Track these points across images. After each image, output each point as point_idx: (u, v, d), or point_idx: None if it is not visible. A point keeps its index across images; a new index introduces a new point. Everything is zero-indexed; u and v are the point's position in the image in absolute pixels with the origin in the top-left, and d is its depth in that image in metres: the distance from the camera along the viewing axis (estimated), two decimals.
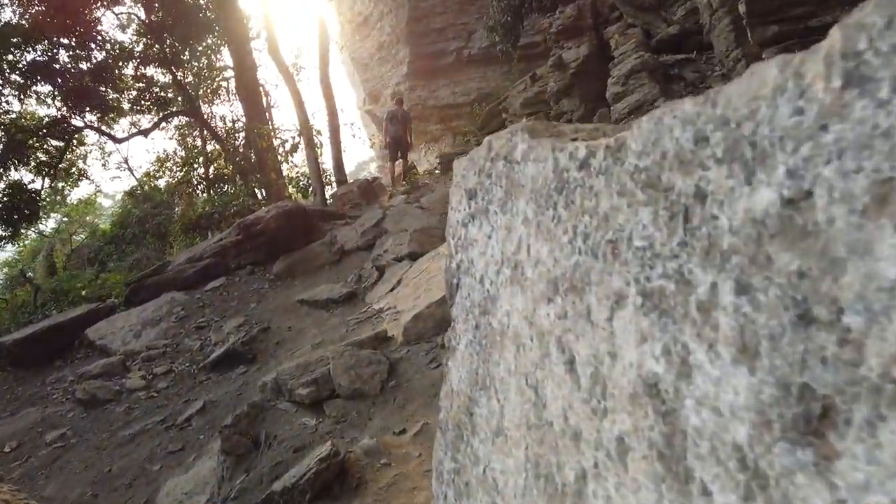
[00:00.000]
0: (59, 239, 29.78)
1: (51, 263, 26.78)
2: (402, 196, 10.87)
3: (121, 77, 16.09)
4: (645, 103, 6.24)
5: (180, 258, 9.59)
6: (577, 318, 0.91)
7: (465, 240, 1.59)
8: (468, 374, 1.39)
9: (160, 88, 17.06)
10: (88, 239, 27.91)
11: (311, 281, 7.69)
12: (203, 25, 16.19)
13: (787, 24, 4.48)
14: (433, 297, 4.15)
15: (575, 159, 0.94)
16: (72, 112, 16.18)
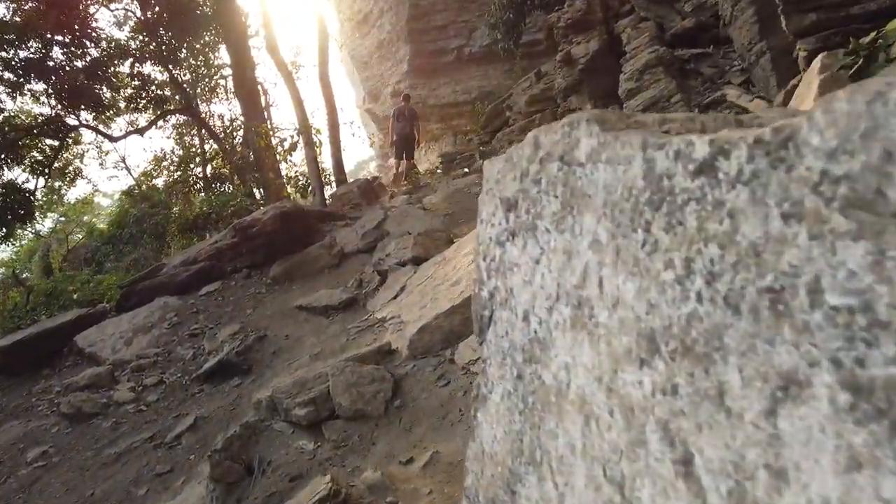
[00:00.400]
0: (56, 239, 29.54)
1: (47, 264, 26.52)
2: (404, 196, 10.57)
3: (116, 75, 15.77)
4: (660, 99, 5.94)
5: (175, 260, 9.29)
6: (700, 399, 0.60)
7: (501, 262, 1.29)
8: (507, 437, 1.09)
9: (156, 86, 16.74)
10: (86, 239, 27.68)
11: (310, 285, 7.39)
12: (200, 22, 15.88)
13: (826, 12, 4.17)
14: (440, 308, 3.85)
15: (685, 160, 0.64)
16: (66, 110, 15.87)
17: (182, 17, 15.27)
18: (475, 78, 23.73)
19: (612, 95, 7.54)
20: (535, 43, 19.71)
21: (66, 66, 15.44)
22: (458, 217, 8.04)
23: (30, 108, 17.44)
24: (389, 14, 24.17)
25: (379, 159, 33.50)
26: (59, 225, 33.21)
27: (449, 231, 6.88)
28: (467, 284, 3.95)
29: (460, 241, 5.24)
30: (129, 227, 23.41)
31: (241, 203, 14.69)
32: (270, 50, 15.22)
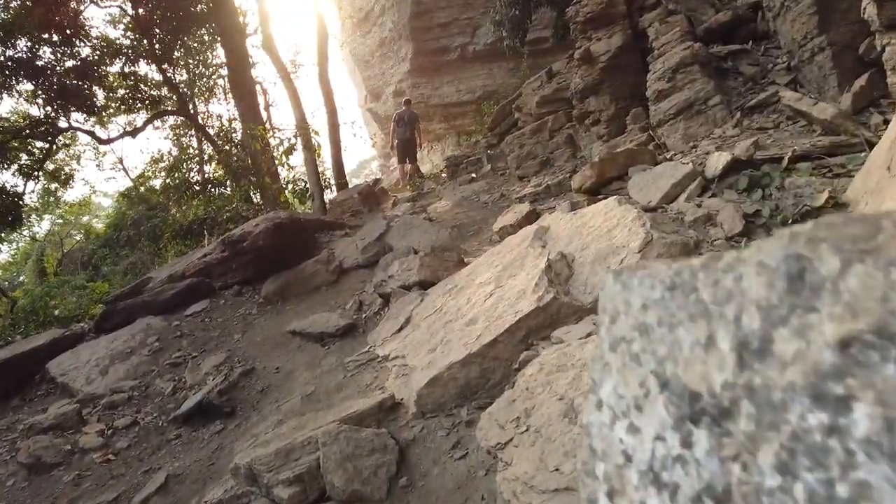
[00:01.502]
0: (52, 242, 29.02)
1: (41, 268, 25.98)
2: (407, 204, 9.92)
3: (108, 75, 15.13)
4: (696, 101, 5.29)
5: (162, 274, 8.66)
6: None
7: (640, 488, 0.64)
8: None
9: (150, 87, 16.10)
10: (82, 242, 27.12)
11: (305, 305, 6.75)
12: (195, 19, 15.24)
13: None
14: (454, 355, 3.21)
15: None
16: (56, 112, 15.25)
17: (176, 14, 14.64)
18: (479, 77, 23.12)
19: (637, 97, 6.89)
20: (542, 41, 19.06)
21: (56, 65, 14.82)
22: (467, 229, 7.39)
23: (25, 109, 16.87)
24: (391, 11, 23.53)
25: (381, 159, 32.92)
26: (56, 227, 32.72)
27: (458, 249, 6.23)
28: (486, 325, 3.30)
29: (473, 265, 4.59)
30: (126, 229, 22.90)
31: (237, 208, 14.08)
32: (268, 48, 14.59)
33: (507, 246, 4.40)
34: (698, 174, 3.92)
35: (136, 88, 15.63)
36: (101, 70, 15.00)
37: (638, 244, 3.20)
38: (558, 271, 3.42)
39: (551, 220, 4.41)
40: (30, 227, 30.64)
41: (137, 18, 14.41)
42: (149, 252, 19.70)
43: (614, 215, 3.66)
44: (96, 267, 23.10)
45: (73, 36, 14.15)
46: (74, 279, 23.47)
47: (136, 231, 21.60)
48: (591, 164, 4.38)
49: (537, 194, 7.63)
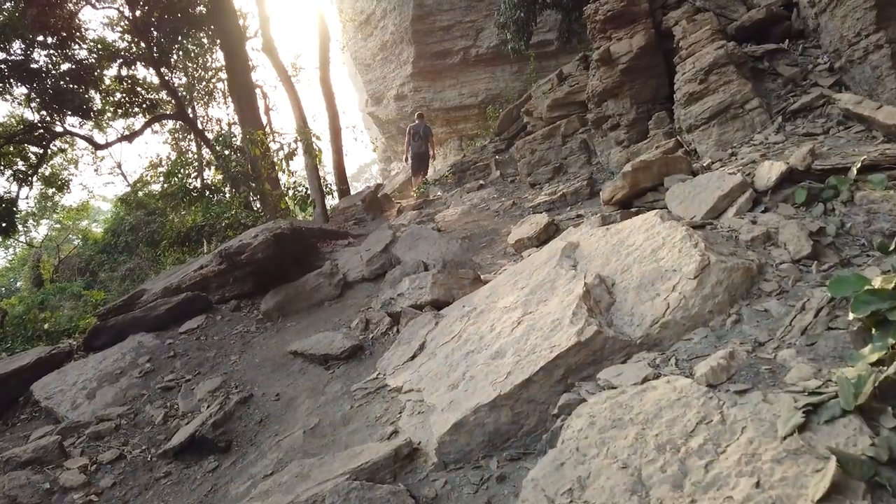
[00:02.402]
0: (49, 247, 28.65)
1: (37, 275, 25.58)
2: (413, 212, 9.51)
3: (103, 78, 14.75)
4: (732, 105, 4.87)
5: (157, 286, 8.24)
6: None
7: None
8: None
9: (147, 90, 15.71)
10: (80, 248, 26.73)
11: (308, 322, 6.34)
12: (193, 22, 14.86)
13: None
14: (481, 396, 2.79)
15: None
16: (51, 116, 14.87)
17: (173, 17, 14.27)
18: (482, 80, 22.79)
19: (660, 100, 6.48)
20: (546, 43, 18.74)
21: (51, 68, 14.44)
22: (478, 240, 6.97)
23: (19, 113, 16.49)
24: (393, 15, 23.19)
25: (381, 163, 32.55)
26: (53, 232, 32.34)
27: (471, 263, 5.81)
28: (516, 360, 2.88)
29: (493, 285, 4.17)
30: (124, 235, 22.51)
31: (236, 215, 13.66)
32: (267, 51, 14.22)
33: (531, 264, 3.99)
34: (748, 186, 3.51)
35: (132, 92, 15.23)
36: (98, 73, 14.61)
37: (693, 268, 2.78)
38: (598, 298, 3.01)
39: (580, 235, 3.99)
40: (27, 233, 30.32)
41: (134, 21, 14.02)
42: (147, 258, 19.32)
43: (658, 233, 3.25)
44: (94, 273, 22.72)
45: (69, 38, 13.77)
46: (71, 286, 23.10)
47: (134, 237, 21.21)
48: (623, 174, 3.97)
49: (552, 203, 7.22)
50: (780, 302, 2.59)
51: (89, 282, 22.86)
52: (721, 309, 2.68)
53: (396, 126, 26.14)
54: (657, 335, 2.67)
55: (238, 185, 14.64)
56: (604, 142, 7.45)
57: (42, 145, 15.02)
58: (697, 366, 2.29)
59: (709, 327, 2.63)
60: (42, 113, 14.80)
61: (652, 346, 2.66)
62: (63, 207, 28.87)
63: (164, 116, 16.03)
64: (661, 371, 2.40)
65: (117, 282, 20.99)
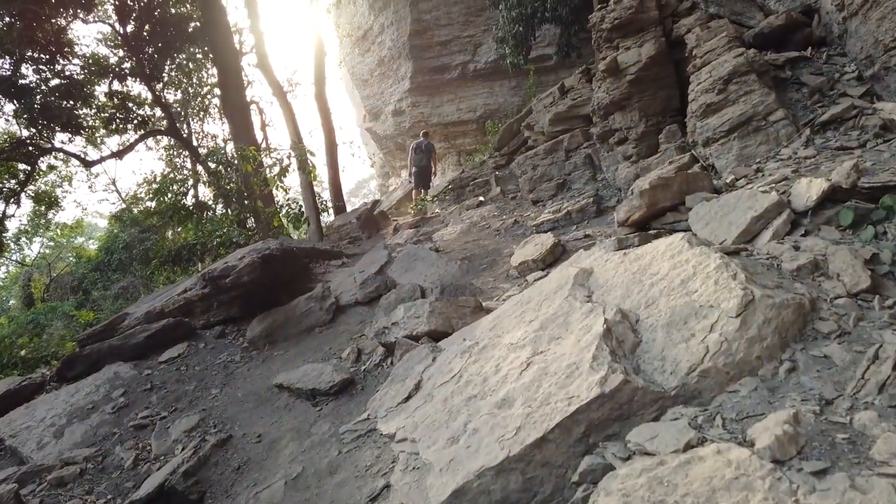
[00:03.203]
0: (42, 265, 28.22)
1: (28, 294, 25.12)
2: (410, 231, 9.11)
3: (93, 93, 14.40)
4: (754, 117, 4.49)
5: (140, 309, 7.81)
6: None
7: None
8: None
9: (138, 105, 15.37)
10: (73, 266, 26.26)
11: (296, 351, 5.90)
12: (186, 37, 14.57)
13: None
14: (486, 457, 2.36)
15: None
16: (39, 132, 14.50)
17: (165, 31, 13.97)
18: (480, 95, 22.55)
19: (670, 112, 6.11)
20: (545, 58, 18.47)
21: (41, 84, 14.10)
22: (479, 261, 6.55)
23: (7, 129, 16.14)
24: (390, 30, 23.00)
25: (379, 179, 32.23)
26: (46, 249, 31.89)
27: (472, 288, 5.39)
28: (527, 412, 2.46)
29: (497, 315, 3.75)
30: (117, 252, 22.08)
31: (228, 234, 13.26)
32: (262, 66, 13.92)
33: (539, 293, 3.57)
34: (785, 206, 3.11)
35: (123, 108, 14.88)
36: (88, 89, 14.26)
37: (734, 304, 2.37)
38: (620, 337, 2.59)
39: (593, 261, 3.58)
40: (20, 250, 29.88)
41: (125, 36, 13.71)
42: (140, 276, 18.87)
43: (686, 260, 2.84)
44: (87, 291, 22.25)
45: (58, 53, 13.44)
46: (62, 305, 22.62)
47: (127, 254, 20.78)
48: (641, 193, 3.57)
49: (557, 221, 6.83)
50: (843, 346, 2.18)
51: (82, 300, 22.41)
52: (771, 354, 2.26)
53: (394, 141, 25.87)
54: (695, 385, 2.25)
55: (231, 202, 14.28)
56: (610, 157, 7.07)
57: (30, 162, 14.63)
58: (752, 429, 1.87)
59: (758, 377, 2.21)
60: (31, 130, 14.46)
61: (690, 399, 2.24)
62: (57, 225, 28.48)
63: (156, 132, 15.68)
64: (707, 434, 1.98)
65: (110, 300, 20.55)
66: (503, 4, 14.51)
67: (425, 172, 12.56)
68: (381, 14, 23.27)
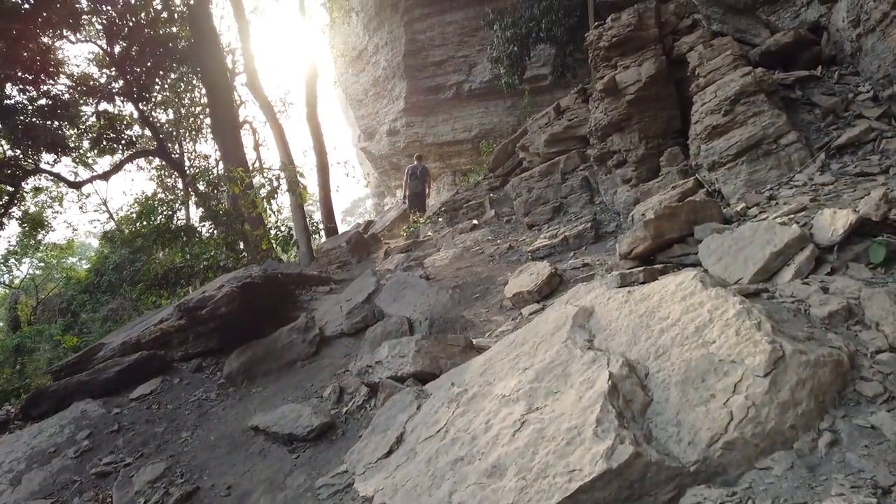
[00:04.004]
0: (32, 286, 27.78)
1: (14, 317, 24.63)
2: (401, 255, 8.77)
3: (79, 113, 14.12)
4: (764, 140, 4.19)
5: (116, 339, 7.44)
6: None
7: None
8: None
9: (126, 126, 15.09)
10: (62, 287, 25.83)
11: (276, 387, 5.52)
12: (175, 56, 14.34)
13: None
14: None
15: None
16: (24, 153, 14.19)
17: (154, 51, 13.75)
18: (475, 115, 22.39)
19: (671, 134, 5.84)
20: (540, 78, 18.31)
21: (25, 104, 13.81)
22: (471, 290, 6.21)
23: None
24: (385, 50, 22.90)
25: (375, 198, 31.98)
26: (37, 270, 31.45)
27: (465, 322, 5.04)
28: (520, 483, 2.12)
29: (488, 357, 3.40)
30: (107, 274, 21.67)
31: (215, 257, 12.92)
32: (251, 85, 13.65)
33: (535, 333, 3.23)
34: (807, 240, 2.80)
35: (111, 128, 14.59)
36: (74, 109, 13.99)
37: (761, 361, 2.03)
38: (628, 395, 2.24)
39: (594, 298, 3.24)
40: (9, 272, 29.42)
41: (113, 55, 13.47)
42: (130, 298, 18.46)
43: (700, 302, 2.51)
44: (75, 314, 21.80)
45: (42, 73, 13.18)
46: (49, 328, 22.17)
47: (118, 276, 20.39)
48: (645, 223, 3.25)
49: (553, 247, 6.51)
50: (893, 415, 1.84)
51: (70, 323, 21.99)
52: (807, 423, 1.92)
53: (389, 161, 25.67)
54: (719, 460, 1.91)
55: (219, 224, 13.95)
56: (608, 180, 6.78)
57: (14, 183, 14.29)
58: None
59: (793, 451, 1.86)
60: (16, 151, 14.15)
61: (712, 477, 1.90)
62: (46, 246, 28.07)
63: (143, 153, 15.39)
64: None
65: (99, 323, 20.13)
66: (498, 24, 14.41)
67: (420, 198, 12.85)
68: (376, 34, 23.20)
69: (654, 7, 5.75)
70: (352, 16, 21.51)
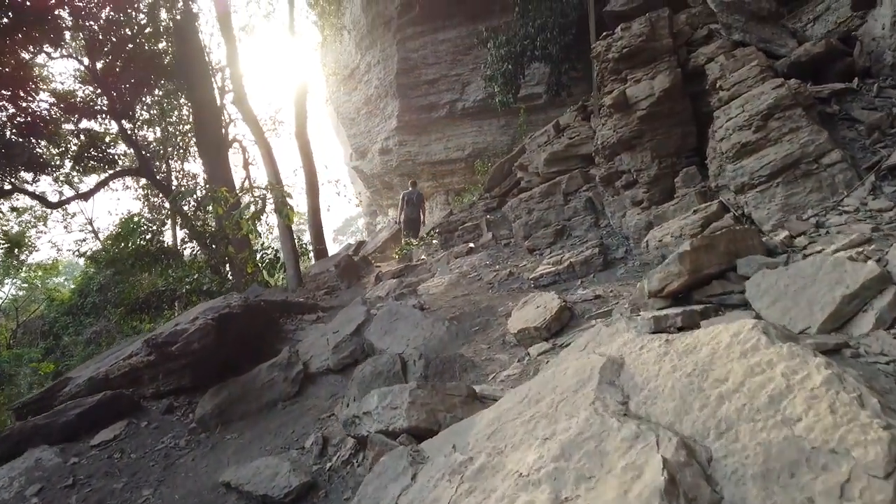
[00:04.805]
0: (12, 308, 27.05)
1: None
2: (393, 281, 8.23)
3: (59, 131, 13.58)
4: (803, 160, 3.73)
5: (84, 373, 6.85)
6: None
7: None
8: None
9: (107, 144, 14.56)
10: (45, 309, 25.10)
11: (253, 434, 4.95)
12: (160, 73, 13.88)
13: None
14: None
15: None
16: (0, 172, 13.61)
17: (137, 67, 13.27)
18: (468, 134, 22.05)
19: (686, 152, 5.39)
20: (535, 97, 17.99)
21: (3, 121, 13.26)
22: (470, 321, 5.68)
23: None
24: (377, 68, 22.61)
25: (367, 217, 31.52)
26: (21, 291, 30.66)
27: (464, 362, 4.49)
28: None
29: (497, 415, 2.87)
30: (91, 295, 21.01)
31: (198, 280, 12.34)
32: (238, 103, 13.17)
33: (553, 387, 2.71)
34: (887, 280, 2.31)
35: (92, 146, 14.05)
36: (53, 127, 13.44)
37: (878, 456, 1.52)
38: (691, 491, 1.72)
39: (623, 346, 2.73)
40: None
41: (93, 71, 12.98)
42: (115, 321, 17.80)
43: (768, 362, 2.00)
44: (57, 336, 21.12)
45: (21, 89, 12.65)
46: (30, 352, 21.45)
47: (102, 297, 19.76)
48: (680, 256, 2.76)
49: (558, 274, 6.00)
50: None
51: (51, 346, 21.30)
52: None
53: (381, 180, 25.28)
54: None
55: (203, 246, 13.39)
56: (616, 201, 6.31)
57: None
58: None
59: None
60: None
61: None
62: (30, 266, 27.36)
63: (124, 172, 14.84)
64: None
65: (81, 346, 19.48)
66: (492, 42, 14.12)
67: (415, 223, 12.98)
68: (368, 52, 22.93)
69: (667, 16, 5.33)
70: (343, 34, 21.20)
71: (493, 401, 3.55)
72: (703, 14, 5.71)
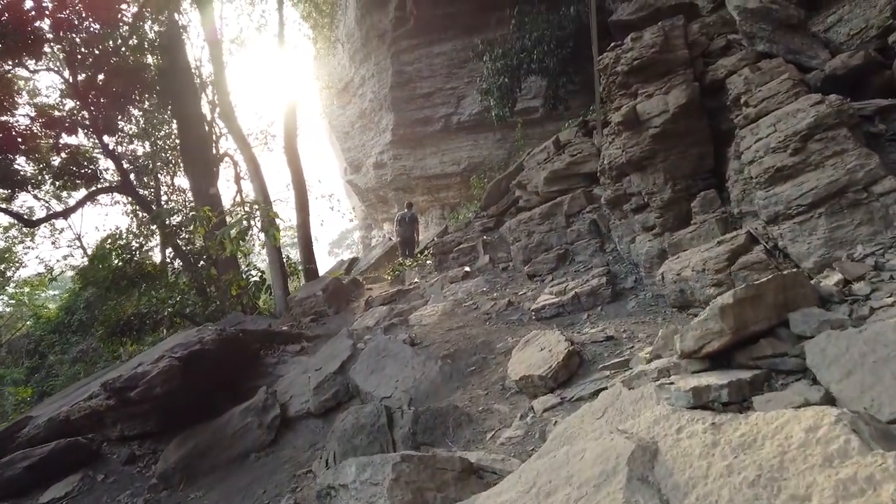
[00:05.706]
0: None
1: None
2: (384, 308, 7.68)
3: (38, 146, 13.03)
4: (851, 186, 3.23)
5: (46, 411, 6.28)
6: None
7: None
8: None
9: (88, 160, 14.02)
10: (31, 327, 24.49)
11: (220, 491, 4.37)
12: (144, 87, 13.37)
13: None
14: None
15: None
16: None
17: (120, 81, 12.76)
18: (464, 148, 21.58)
19: (703, 174, 4.89)
20: (531, 111, 17.55)
21: None
22: (464, 360, 5.12)
23: None
24: (371, 82, 22.20)
25: (362, 230, 31.01)
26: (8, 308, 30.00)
27: (459, 414, 3.93)
28: None
29: (495, 495, 2.32)
30: (79, 312, 20.44)
31: (181, 302, 11.76)
32: (224, 117, 12.67)
33: (567, 477, 2.18)
34: None
35: (73, 162, 13.50)
36: (33, 142, 12.90)
37: None
38: None
39: (655, 425, 2.20)
40: None
41: (74, 84, 12.47)
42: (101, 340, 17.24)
43: (867, 478, 1.48)
44: (43, 355, 20.55)
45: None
46: (12, 372, 20.90)
47: (89, 315, 19.20)
48: (721, 309, 2.24)
49: (562, 306, 5.46)
50: None
51: (36, 366, 20.70)
52: None
53: (376, 194, 24.79)
54: None
55: (187, 267, 12.84)
56: (623, 225, 5.80)
57: None
58: None
59: None
60: None
61: None
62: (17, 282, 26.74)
63: (104, 190, 14.29)
64: None
65: (67, 366, 18.92)
66: (488, 56, 13.73)
67: (410, 243, 12.93)
68: (362, 66, 22.53)
69: (682, 25, 4.86)
70: (337, 47, 20.79)
71: (493, 474, 3.00)
72: (719, 23, 5.24)
